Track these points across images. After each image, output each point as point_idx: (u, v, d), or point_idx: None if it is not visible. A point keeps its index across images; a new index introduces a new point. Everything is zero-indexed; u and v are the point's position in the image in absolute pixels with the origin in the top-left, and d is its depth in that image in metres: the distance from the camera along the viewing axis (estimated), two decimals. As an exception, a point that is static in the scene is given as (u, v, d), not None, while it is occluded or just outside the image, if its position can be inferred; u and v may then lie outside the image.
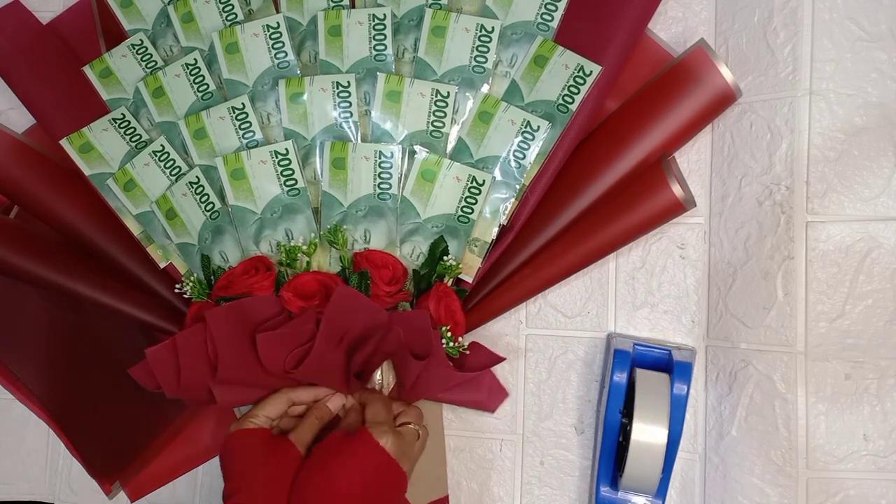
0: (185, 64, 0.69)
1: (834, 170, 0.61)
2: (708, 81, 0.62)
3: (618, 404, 0.62)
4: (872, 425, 0.61)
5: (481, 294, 0.67)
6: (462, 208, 0.64)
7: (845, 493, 0.61)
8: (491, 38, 0.65)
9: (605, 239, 0.63)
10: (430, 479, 0.67)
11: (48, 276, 0.68)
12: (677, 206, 0.60)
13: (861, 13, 0.61)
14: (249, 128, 0.67)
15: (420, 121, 0.65)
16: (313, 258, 0.65)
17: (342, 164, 0.65)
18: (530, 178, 0.64)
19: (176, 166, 0.68)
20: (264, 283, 0.63)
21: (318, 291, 0.62)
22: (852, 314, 0.61)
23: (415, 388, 0.62)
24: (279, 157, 0.65)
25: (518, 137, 0.64)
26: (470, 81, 0.65)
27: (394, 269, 0.63)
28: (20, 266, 0.67)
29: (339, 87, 0.66)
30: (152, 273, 0.69)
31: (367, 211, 0.65)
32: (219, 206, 0.66)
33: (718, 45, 0.67)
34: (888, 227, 0.60)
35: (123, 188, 0.69)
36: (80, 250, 0.71)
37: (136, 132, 0.71)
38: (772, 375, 0.62)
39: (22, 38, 0.72)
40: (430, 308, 0.62)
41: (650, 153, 0.63)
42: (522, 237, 0.65)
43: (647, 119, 0.63)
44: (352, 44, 0.66)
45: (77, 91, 0.72)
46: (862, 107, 0.61)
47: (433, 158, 0.64)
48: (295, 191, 0.65)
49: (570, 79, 0.63)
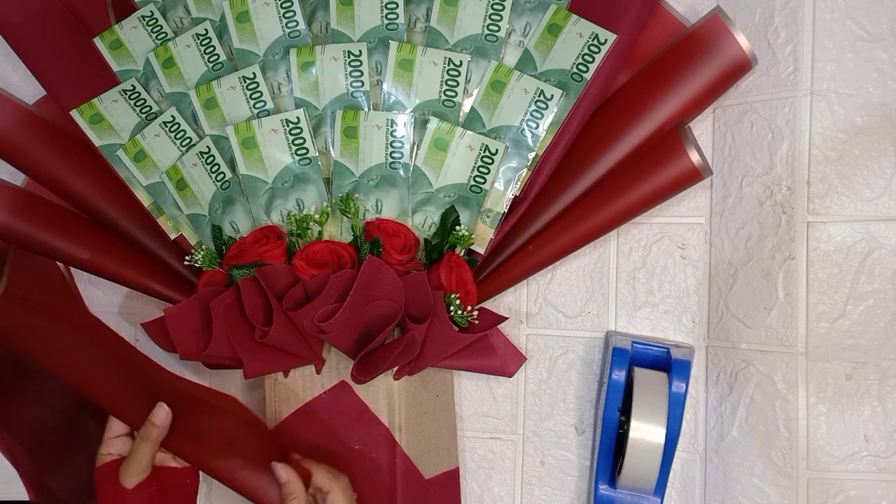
0: (196, 34, 0.69)
1: (835, 170, 0.61)
2: (724, 49, 0.61)
3: (616, 402, 0.62)
4: (873, 426, 0.60)
5: (493, 265, 0.66)
6: (475, 178, 0.64)
7: (846, 493, 0.60)
8: (504, 6, 0.64)
9: (619, 208, 0.63)
10: (440, 450, 0.67)
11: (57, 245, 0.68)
12: (694, 173, 0.60)
13: (862, 13, 0.60)
14: (260, 97, 0.66)
15: (432, 90, 0.65)
16: (325, 227, 0.64)
17: (353, 133, 0.64)
18: (544, 147, 0.63)
19: (186, 137, 0.68)
20: (276, 251, 0.62)
21: (330, 260, 0.62)
22: (853, 314, 0.61)
23: (421, 356, 0.62)
24: (290, 125, 0.64)
25: (531, 107, 0.63)
26: (483, 50, 0.65)
27: (405, 238, 0.63)
28: (29, 235, 0.67)
29: (351, 57, 0.65)
30: (162, 244, 0.69)
31: (379, 180, 0.64)
32: (229, 176, 0.66)
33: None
34: (889, 228, 0.60)
35: (134, 159, 0.69)
36: (90, 221, 0.71)
37: (147, 103, 0.70)
38: (772, 376, 0.62)
39: (32, 10, 0.72)
40: (442, 277, 0.62)
41: (666, 122, 0.62)
42: (536, 207, 0.65)
43: (663, 87, 0.62)
44: (363, 13, 0.66)
45: (87, 62, 0.71)
46: (863, 107, 0.60)
47: (446, 127, 0.64)
48: (306, 160, 0.64)
49: (584, 47, 0.63)
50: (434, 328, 0.61)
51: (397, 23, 0.66)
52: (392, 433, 0.63)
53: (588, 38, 0.63)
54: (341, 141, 0.64)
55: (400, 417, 0.64)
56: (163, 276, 0.70)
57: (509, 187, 0.64)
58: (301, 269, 0.61)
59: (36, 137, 0.70)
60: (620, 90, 0.65)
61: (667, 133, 0.62)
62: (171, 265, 0.70)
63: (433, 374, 0.67)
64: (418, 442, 0.65)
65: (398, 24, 0.66)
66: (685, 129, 0.62)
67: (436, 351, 0.62)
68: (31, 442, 0.69)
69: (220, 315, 0.62)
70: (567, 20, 0.64)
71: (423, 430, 0.66)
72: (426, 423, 0.66)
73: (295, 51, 0.66)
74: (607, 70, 0.62)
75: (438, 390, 0.68)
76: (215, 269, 0.65)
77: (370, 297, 0.60)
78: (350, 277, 0.60)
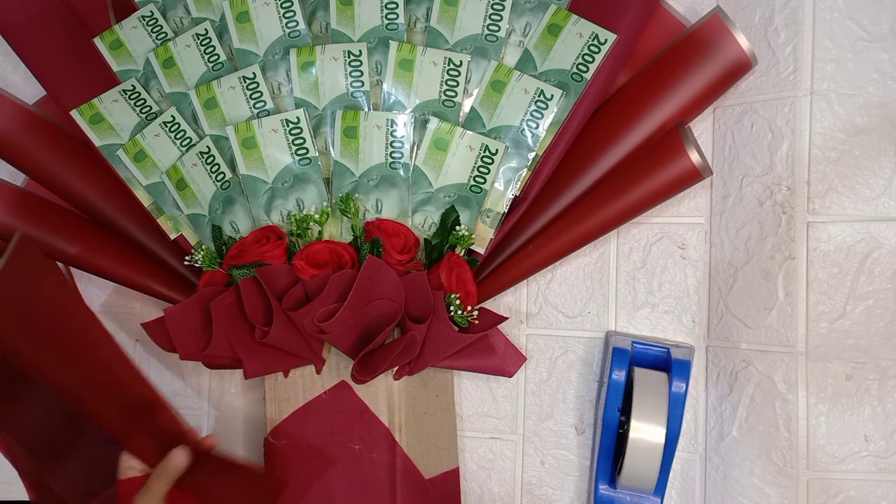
0: (196, 34, 0.69)
1: (835, 170, 0.61)
2: (724, 49, 0.61)
3: (616, 402, 0.62)
4: (873, 426, 0.60)
5: (493, 265, 0.66)
6: (475, 178, 0.64)
7: (846, 493, 0.60)
8: (504, 6, 0.64)
9: (619, 208, 0.63)
10: (440, 450, 0.67)
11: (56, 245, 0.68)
12: (694, 173, 0.60)
13: (862, 13, 0.60)
14: (260, 97, 0.66)
15: (432, 90, 0.65)
16: (325, 227, 0.64)
17: (354, 133, 0.64)
18: (544, 147, 0.63)
19: (186, 137, 0.68)
20: (275, 251, 0.62)
21: (330, 260, 0.62)
22: (853, 315, 0.61)
23: (421, 356, 0.62)
24: (290, 125, 0.64)
25: (531, 107, 0.63)
26: (483, 50, 0.65)
27: (405, 238, 0.63)
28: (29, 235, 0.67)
29: (351, 57, 0.65)
30: (162, 244, 0.69)
31: (379, 180, 0.64)
32: (229, 176, 0.66)
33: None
34: (889, 228, 0.60)
35: (133, 159, 0.69)
36: (90, 221, 0.71)
37: (147, 103, 0.70)
38: (772, 376, 0.62)
39: (32, 10, 0.72)
40: (442, 277, 0.62)
41: (666, 121, 0.62)
42: (536, 207, 0.65)
43: (664, 87, 0.62)
44: (363, 13, 0.66)
45: (87, 62, 0.71)
46: (863, 107, 0.60)
47: (446, 127, 0.64)
48: (306, 160, 0.64)
49: (584, 47, 0.63)
50: (434, 328, 0.61)
51: (397, 23, 0.66)
52: (392, 433, 0.63)
53: (588, 38, 0.63)
54: (341, 141, 0.64)
55: (400, 417, 0.64)
56: (163, 276, 0.70)
57: (509, 187, 0.64)
58: (301, 269, 0.61)
59: (36, 137, 0.70)
60: (620, 90, 0.65)
61: (667, 133, 0.62)
62: (171, 265, 0.70)
63: (433, 374, 0.67)
64: (418, 442, 0.65)
65: (398, 24, 0.66)
66: (685, 129, 0.62)
67: (436, 351, 0.62)
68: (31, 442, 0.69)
69: (220, 315, 0.62)
70: (567, 20, 0.64)
71: (423, 430, 0.66)
72: (426, 423, 0.66)
73: (295, 51, 0.66)
74: (607, 70, 0.62)
75: (438, 390, 0.68)
76: (215, 269, 0.65)
77: (370, 297, 0.60)
78: (350, 277, 0.60)
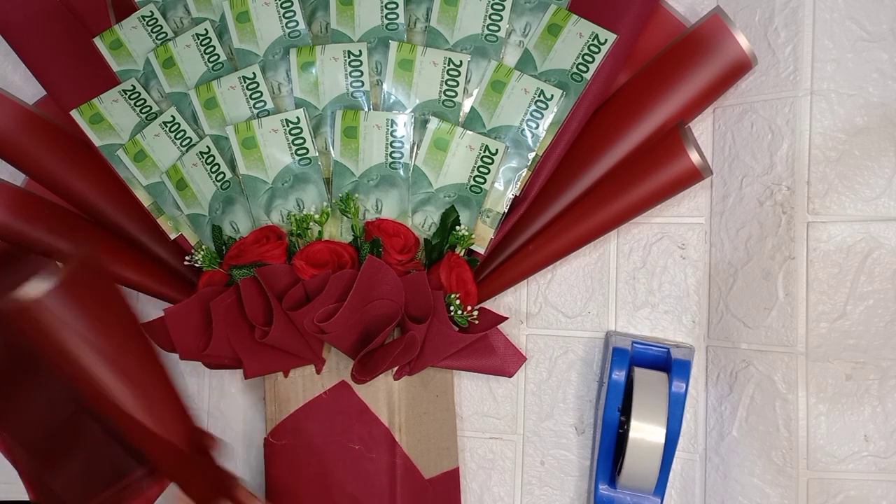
0: (196, 34, 0.69)
1: (835, 170, 0.61)
2: (724, 49, 0.61)
3: (616, 402, 0.62)
4: (873, 426, 0.60)
5: (493, 265, 0.66)
6: (475, 178, 0.64)
7: (846, 493, 0.60)
8: (504, 6, 0.64)
9: (619, 208, 0.63)
10: (440, 450, 0.67)
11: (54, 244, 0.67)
12: (694, 173, 0.60)
13: (862, 13, 0.60)
14: (260, 97, 0.66)
15: (432, 90, 0.65)
16: (325, 227, 0.64)
17: (354, 133, 0.64)
18: (544, 147, 0.63)
19: (186, 137, 0.68)
20: (275, 251, 0.62)
21: (330, 260, 0.62)
22: (853, 315, 0.61)
23: (421, 356, 0.62)
24: (290, 125, 0.64)
25: (531, 107, 0.63)
26: (483, 50, 0.65)
27: (405, 238, 0.63)
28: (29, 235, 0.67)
29: (351, 57, 0.65)
30: (162, 244, 0.69)
31: (379, 180, 0.64)
32: (230, 176, 0.66)
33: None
34: (889, 228, 0.60)
35: (134, 159, 0.69)
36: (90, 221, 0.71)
37: (147, 103, 0.70)
38: (772, 376, 0.62)
39: (32, 10, 0.72)
40: (442, 277, 0.62)
41: (666, 122, 0.62)
42: (536, 207, 0.65)
43: (664, 87, 0.62)
44: (363, 13, 0.66)
45: (87, 62, 0.71)
46: (863, 107, 0.60)
47: (446, 127, 0.64)
48: (306, 160, 0.64)
49: (584, 47, 0.63)
50: (434, 328, 0.61)
51: (397, 23, 0.66)
52: (392, 433, 0.63)
53: (588, 38, 0.63)
54: (341, 141, 0.64)
55: (400, 417, 0.64)
56: (163, 275, 0.70)
57: (509, 187, 0.64)
58: (301, 269, 0.61)
59: (36, 137, 0.70)
60: (620, 90, 0.65)
61: (667, 133, 0.62)
62: (171, 265, 0.70)
63: (433, 374, 0.67)
64: (418, 442, 0.65)
65: (398, 24, 0.66)
66: (685, 129, 0.62)
67: (436, 351, 0.62)
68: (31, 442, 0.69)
69: (220, 315, 0.62)
70: (567, 20, 0.64)
71: (423, 430, 0.66)
72: (426, 423, 0.66)
73: (295, 51, 0.66)
74: (607, 70, 0.62)
75: (438, 390, 0.68)
76: (215, 269, 0.65)
77: (370, 297, 0.60)
78: (350, 277, 0.60)
